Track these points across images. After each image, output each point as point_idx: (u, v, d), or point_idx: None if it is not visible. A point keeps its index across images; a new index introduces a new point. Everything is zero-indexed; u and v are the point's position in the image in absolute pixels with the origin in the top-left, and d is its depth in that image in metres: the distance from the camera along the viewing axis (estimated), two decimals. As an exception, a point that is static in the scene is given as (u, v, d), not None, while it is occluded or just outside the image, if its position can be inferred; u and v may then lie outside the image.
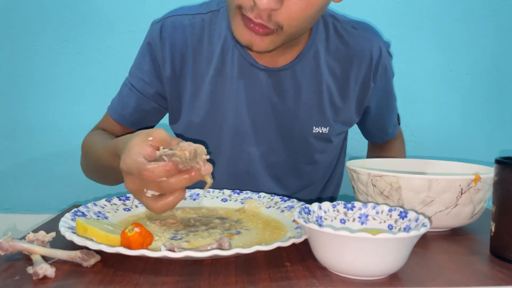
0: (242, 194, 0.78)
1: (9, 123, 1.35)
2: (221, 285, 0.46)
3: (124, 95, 0.89)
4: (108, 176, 0.85)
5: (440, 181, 0.61)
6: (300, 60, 0.83)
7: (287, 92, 0.84)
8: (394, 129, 1.05)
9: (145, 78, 0.87)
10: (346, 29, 0.87)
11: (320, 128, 0.87)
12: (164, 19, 0.85)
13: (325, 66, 0.85)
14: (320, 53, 0.84)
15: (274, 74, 0.83)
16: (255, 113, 0.85)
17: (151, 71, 0.86)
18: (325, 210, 0.58)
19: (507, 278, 0.49)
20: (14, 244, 0.52)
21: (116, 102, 0.91)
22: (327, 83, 0.85)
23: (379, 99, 0.93)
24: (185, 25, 0.84)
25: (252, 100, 0.84)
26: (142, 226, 0.53)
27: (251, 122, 0.85)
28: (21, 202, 1.38)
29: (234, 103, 0.84)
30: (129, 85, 0.88)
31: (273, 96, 0.84)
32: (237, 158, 0.88)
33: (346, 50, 0.86)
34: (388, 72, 0.91)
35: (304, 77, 0.84)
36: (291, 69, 0.83)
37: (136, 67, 0.89)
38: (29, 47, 1.32)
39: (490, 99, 1.41)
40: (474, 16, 1.37)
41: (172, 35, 0.84)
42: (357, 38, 0.86)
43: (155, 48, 0.84)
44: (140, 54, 0.88)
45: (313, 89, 0.85)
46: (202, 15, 0.85)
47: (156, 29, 0.85)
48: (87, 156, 0.86)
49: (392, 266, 0.47)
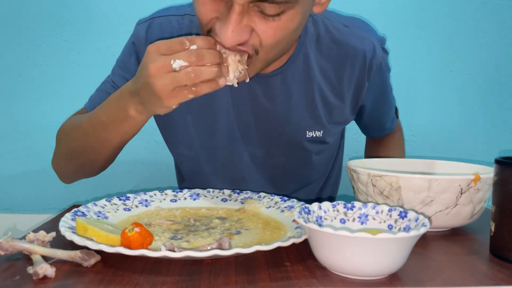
0: (242, 194, 0.78)
1: (9, 123, 1.35)
2: (221, 285, 0.46)
3: (104, 94, 0.83)
4: (101, 142, 0.75)
5: (440, 181, 0.61)
6: (290, 64, 0.81)
7: (278, 98, 0.82)
8: (391, 124, 1.03)
9: (128, 78, 0.83)
10: (337, 27, 0.83)
11: (314, 132, 0.85)
12: (151, 20, 0.83)
13: (317, 68, 0.83)
14: (310, 55, 0.82)
15: (264, 80, 0.81)
16: (246, 119, 0.83)
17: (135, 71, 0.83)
18: (325, 210, 0.58)
19: (507, 278, 0.49)
20: (14, 244, 0.52)
21: (95, 99, 0.85)
22: (319, 85, 0.83)
23: (374, 97, 0.90)
24: (173, 27, 0.82)
25: (242, 107, 0.83)
26: (142, 226, 0.53)
27: (241, 128, 0.84)
28: (21, 202, 1.38)
29: (225, 109, 0.83)
30: (111, 83, 0.85)
31: (264, 102, 0.82)
32: (231, 164, 0.87)
33: (338, 49, 0.83)
34: (383, 70, 0.88)
35: (295, 82, 0.82)
36: (281, 75, 0.81)
37: (119, 66, 0.86)
38: (29, 47, 1.32)
39: (490, 99, 1.41)
40: (474, 16, 1.37)
41: (158, 37, 0.81)
42: (349, 37, 0.83)
43: (140, 48, 0.82)
44: (125, 53, 0.86)
45: (304, 93, 0.83)
46: (191, 16, 0.82)
47: (142, 29, 0.82)
48: (69, 137, 0.81)
49: (392, 266, 0.47)
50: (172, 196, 0.77)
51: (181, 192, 0.78)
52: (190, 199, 0.77)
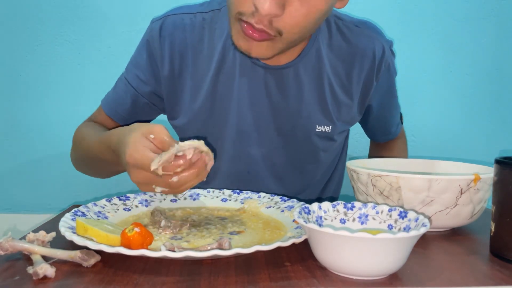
0: (242, 194, 0.78)
1: (9, 123, 1.35)
2: (221, 285, 0.46)
3: (119, 91, 0.88)
4: (101, 168, 0.83)
5: (440, 181, 0.61)
6: (303, 58, 0.82)
7: (290, 91, 0.83)
8: (396, 129, 1.05)
9: (141, 76, 0.86)
10: (348, 27, 0.86)
11: (323, 127, 0.86)
12: (164, 17, 0.84)
13: (328, 63, 0.84)
14: (322, 51, 0.84)
15: (276, 72, 0.82)
16: (257, 112, 0.84)
17: (148, 70, 0.85)
18: (325, 210, 0.58)
19: (507, 278, 0.49)
20: (14, 244, 0.52)
21: (111, 97, 0.90)
22: (329, 81, 0.85)
23: (381, 98, 0.92)
24: (186, 24, 0.83)
25: (254, 99, 0.83)
26: (142, 226, 0.53)
27: (253, 121, 0.85)
28: (21, 202, 1.38)
29: (236, 102, 0.84)
30: (125, 81, 0.87)
31: (275, 95, 0.83)
32: (238, 158, 0.87)
33: (349, 48, 0.85)
34: (391, 71, 0.90)
35: (306, 75, 0.83)
36: (294, 67, 0.82)
37: (133, 64, 0.88)
38: (29, 47, 1.32)
39: (490, 99, 1.41)
40: (474, 16, 1.37)
41: (171, 34, 0.83)
42: (360, 37, 0.85)
43: (154, 46, 0.84)
44: (138, 51, 0.87)
45: (315, 88, 0.84)
46: (203, 14, 0.84)
47: (156, 27, 0.84)
48: (79, 148, 0.84)
49: (392, 266, 0.47)
50: (172, 196, 0.77)
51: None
52: (190, 199, 0.77)
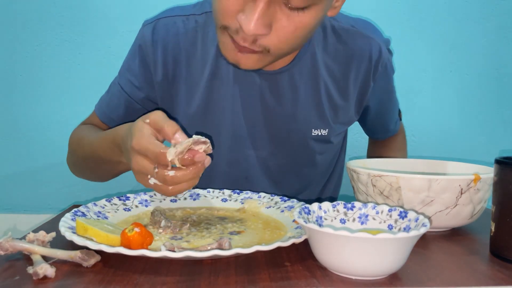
0: (242, 194, 0.78)
1: (9, 123, 1.35)
2: (221, 285, 0.46)
3: (113, 96, 0.87)
4: (100, 168, 0.81)
5: (440, 181, 0.61)
6: (297, 62, 0.81)
7: (285, 96, 0.82)
8: (395, 126, 1.04)
9: (134, 82, 0.84)
10: (344, 28, 0.84)
11: (319, 130, 0.85)
12: (156, 21, 0.82)
13: (323, 67, 0.83)
14: (317, 54, 0.82)
15: (271, 77, 0.81)
16: (252, 117, 0.83)
17: (142, 75, 0.84)
18: (325, 210, 0.58)
19: (507, 278, 0.49)
20: (14, 244, 0.52)
21: (104, 102, 0.89)
22: (325, 84, 0.84)
23: (379, 97, 0.91)
24: (178, 27, 0.82)
25: (248, 104, 0.82)
26: (142, 226, 0.53)
27: (248, 126, 0.84)
28: (21, 202, 1.38)
29: (231, 107, 0.83)
30: (118, 87, 0.86)
31: (270, 100, 0.82)
32: (235, 163, 0.87)
33: (345, 50, 0.84)
34: (388, 71, 0.89)
35: (301, 80, 0.82)
36: (288, 72, 0.81)
37: (126, 68, 0.86)
38: (29, 47, 1.32)
39: (490, 99, 1.41)
40: (474, 16, 1.37)
41: (164, 38, 0.81)
42: (356, 38, 0.84)
43: (146, 51, 0.82)
44: (131, 55, 0.86)
45: (311, 91, 0.83)
46: (196, 16, 0.82)
47: (148, 31, 0.82)
48: (77, 150, 0.83)
49: (392, 266, 0.47)
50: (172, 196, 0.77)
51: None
52: (190, 199, 0.77)
